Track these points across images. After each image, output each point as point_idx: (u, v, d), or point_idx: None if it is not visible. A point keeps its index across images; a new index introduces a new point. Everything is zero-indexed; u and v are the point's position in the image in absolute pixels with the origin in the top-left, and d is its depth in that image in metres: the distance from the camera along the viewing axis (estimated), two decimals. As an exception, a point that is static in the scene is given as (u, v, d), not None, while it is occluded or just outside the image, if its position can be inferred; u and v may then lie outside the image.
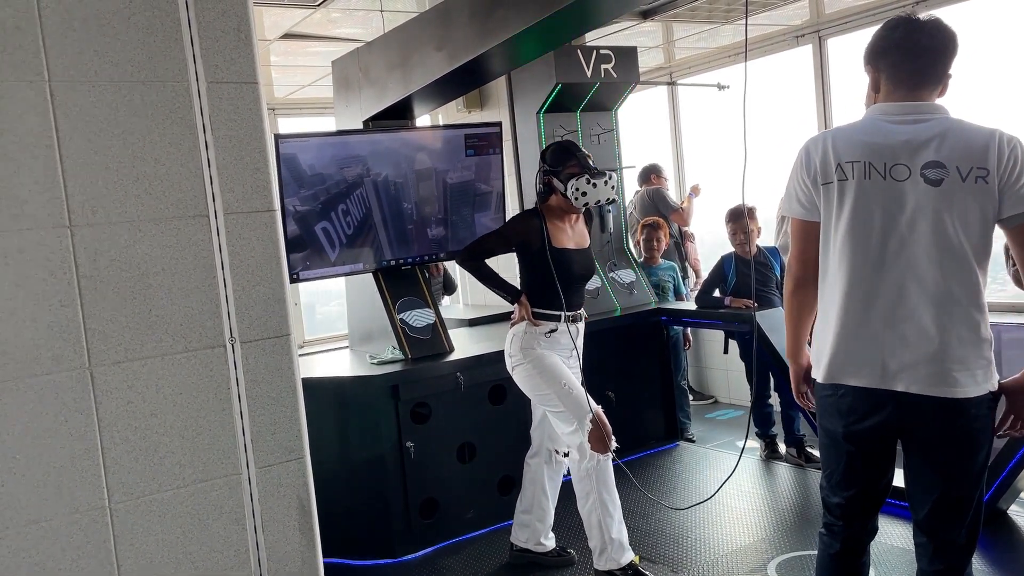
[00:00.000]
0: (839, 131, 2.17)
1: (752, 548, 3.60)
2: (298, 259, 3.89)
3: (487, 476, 4.08)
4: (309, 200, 3.90)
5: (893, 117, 2.09)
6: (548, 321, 3.30)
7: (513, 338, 3.36)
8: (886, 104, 2.12)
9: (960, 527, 2.11)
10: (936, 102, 2.10)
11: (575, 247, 3.36)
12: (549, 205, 3.34)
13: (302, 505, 1.89)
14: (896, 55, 2.10)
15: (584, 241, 3.44)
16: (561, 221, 3.34)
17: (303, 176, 3.87)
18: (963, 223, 1.99)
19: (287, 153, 3.79)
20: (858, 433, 2.14)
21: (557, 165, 3.28)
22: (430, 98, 4.20)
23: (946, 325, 2.01)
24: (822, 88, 5.37)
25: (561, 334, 3.31)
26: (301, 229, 3.90)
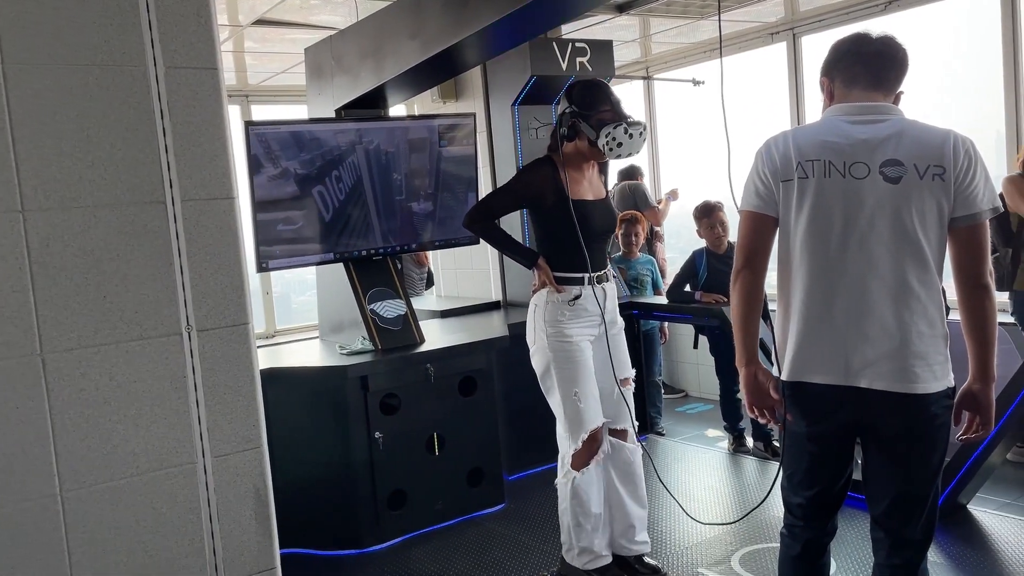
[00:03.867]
0: (799, 130, 2.18)
1: (717, 541, 3.63)
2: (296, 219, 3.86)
3: (456, 468, 4.08)
4: (308, 164, 3.88)
5: (851, 117, 2.11)
6: (571, 286, 2.97)
7: (535, 309, 3.04)
8: (844, 105, 2.14)
9: (917, 523, 2.14)
10: (892, 104, 2.12)
11: (594, 198, 3.04)
12: (565, 152, 3.00)
13: (258, 494, 1.88)
14: (848, 60, 2.13)
15: (602, 192, 3.12)
16: (577, 170, 3.00)
17: (303, 140, 3.86)
18: (921, 220, 2.01)
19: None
20: (821, 433, 2.16)
21: (587, 108, 2.91)
22: (404, 87, 4.17)
23: (906, 321, 2.03)
24: (796, 85, 5.40)
25: (587, 300, 2.97)
26: (301, 190, 3.88)
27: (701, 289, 4.59)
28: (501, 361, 4.36)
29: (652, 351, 5.17)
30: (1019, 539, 3.41)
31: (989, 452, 3.54)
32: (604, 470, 3.07)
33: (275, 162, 3.78)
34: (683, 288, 4.67)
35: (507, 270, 5.17)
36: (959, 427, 2.16)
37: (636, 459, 3.14)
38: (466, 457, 4.10)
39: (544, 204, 3.00)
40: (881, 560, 2.21)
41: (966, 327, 2.09)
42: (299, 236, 3.93)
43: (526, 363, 4.39)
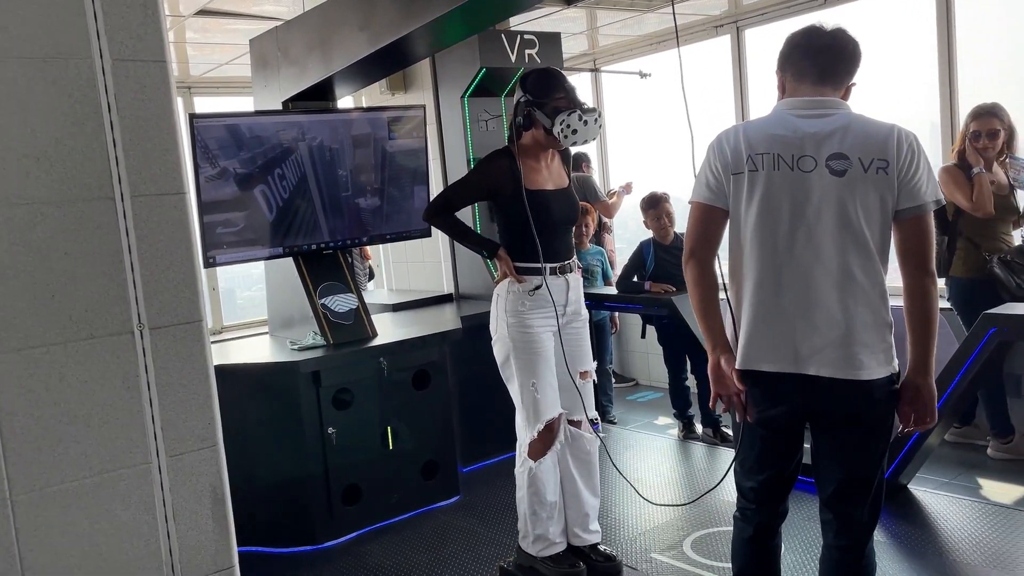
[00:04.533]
0: (750, 124, 2.23)
1: (669, 526, 3.70)
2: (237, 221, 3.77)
3: (410, 461, 4.07)
4: (248, 163, 3.80)
5: (799, 111, 2.16)
6: (532, 276, 2.98)
7: (497, 299, 3.04)
8: (792, 99, 2.19)
9: (864, 505, 2.21)
10: (839, 99, 2.17)
11: (553, 188, 3.04)
12: (522, 142, 2.99)
13: (215, 493, 1.85)
14: (798, 55, 2.18)
15: (563, 181, 3.11)
16: (536, 160, 3.01)
17: (242, 138, 3.77)
18: (865, 212, 2.07)
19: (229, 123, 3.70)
20: (771, 419, 2.21)
21: (542, 96, 2.91)
22: (352, 79, 4.14)
23: (851, 309, 2.09)
24: (739, 78, 5.50)
25: (548, 290, 2.98)
26: (241, 191, 3.80)
27: (649, 279, 4.65)
28: (455, 354, 4.36)
29: (603, 341, 5.23)
30: (957, 516, 3.55)
31: (928, 434, 3.66)
32: (561, 459, 3.10)
33: (213, 162, 3.69)
34: (632, 279, 4.72)
35: (459, 262, 5.16)
36: (903, 421, 2.21)
37: (593, 449, 3.18)
38: (420, 450, 4.10)
39: (502, 195, 3.00)
40: (830, 541, 2.27)
41: (910, 316, 2.13)
42: (242, 238, 3.86)
43: (480, 355, 4.42)
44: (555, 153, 3.10)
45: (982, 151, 4.02)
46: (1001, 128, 4.03)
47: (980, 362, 3.41)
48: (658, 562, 3.36)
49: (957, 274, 4.16)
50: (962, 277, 4.13)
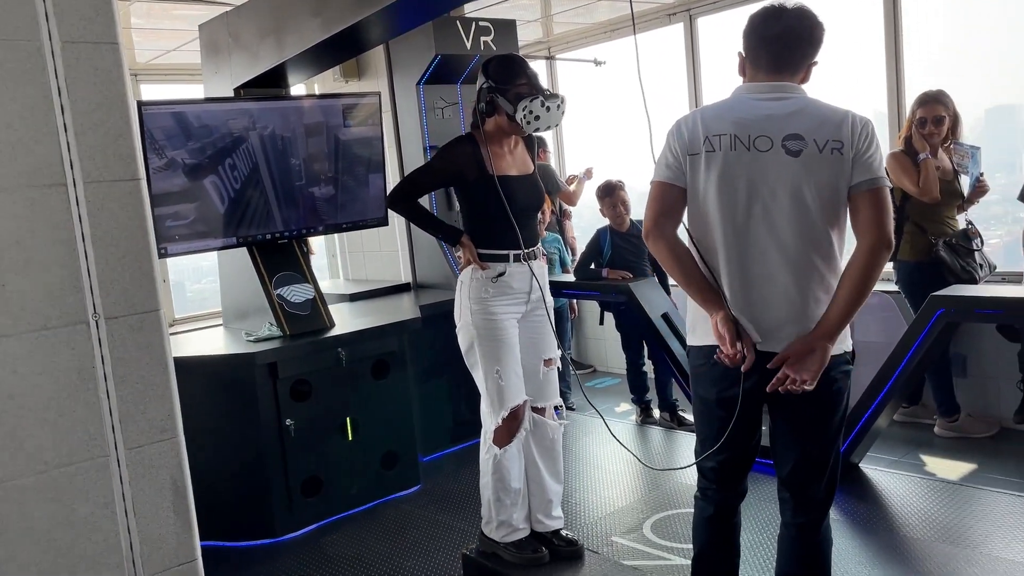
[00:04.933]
0: (708, 108, 2.25)
1: (629, 509, 3.74)
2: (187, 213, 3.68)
3: (370, 452, 4.05)
4: (197, 153, 3.71)
5: (757, 95, 2.19)
6: (496, 263, 2.97)
7: (461, 286, 3.03)
8: (751, 84, 2.22)
9: (820, 482, 2.26)
10: (796, 84, 2.20)
11: (518, 174, 3.03)
12: (486, 128, 2.98)
13: (176, 486, 1.82)
14: (753, 42, 2.20)
15: (527, 167, 3.10)
16: (499, 146, 2.99)
17: (190, 128, 3.68)
18: (819, 192, 2.10)
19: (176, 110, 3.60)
20: (730, 399, 2.24)
21: (504, 82, 2.90)
22: (305, 66, 4.08)
23: (804, 288, 2.13)
24: (692, 65, 5.55)
25: (512, 277, 2.98)
26: (191, 182, 3.71)
27: (606, 266, 4.69)
28: (414, 343, 4.34)
29: (561, 328, 5.26)
30: (907, 493, 3.65)
31: (878, 414, 3.77)
32: (525, 446, 3.11)
33: (160, 153, 3.60)
34: (589, 266, 4.75)
35: (417, 252, 5.14)
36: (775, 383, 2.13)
37: (557, 436, 3.20)
38: (380, 441, 4.08)
39: (465, 181, 2.98)
40: (788, 519, 2.32)
41: (849, 283, 2.10)
42: (193, 231, 3.78)
43: (439, 345, 4.43)
44: (519, 139, 3.10)
45: (928, 137, 4.12)
46: (946, 115, 4.13)
47: (928, 343, 3.51)
48: (619, 545, 3.39)
49: (904, 258, 4.26)
50: (909, 261, 4.24)
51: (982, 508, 3.44)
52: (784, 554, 2.35)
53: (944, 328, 3.48)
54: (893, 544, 3.22)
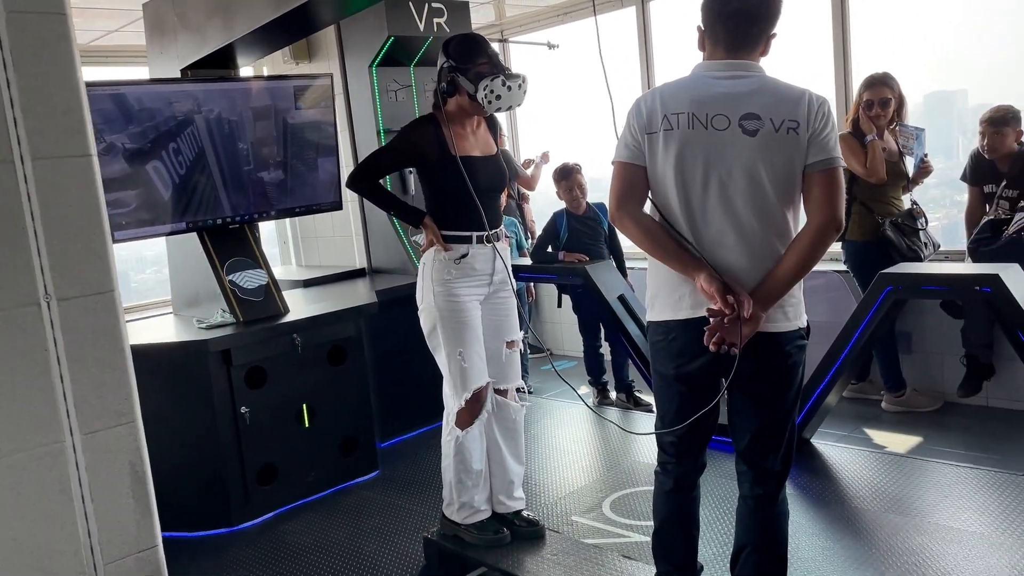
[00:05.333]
0: (667, 86, 2.25)
1: (588, 489, 3.77)
2: (129, 200, 3.56)
3: (328, 438, 4.01)
4: (138, 137, 3.60)
5: (715, 73, 2.19)
6: (458, 244, 2.95)
7: (423, 268, 3.01)
8: (709, 62, 2.22)
9: (777, 454, 2.30)
10: (754, 62, 2.21)
11: (480, 154, 3.01)
12: (447, 109, 2.96)
13: (135, 471, 1.77)
14: (711, 18, 2.20)
15: (490, 148, 3.08)
16: (461, 127, 2.97)
17: (131, 111, 3.56)
18: (774, 171, 2.12)
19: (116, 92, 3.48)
20: (688, 374, 2.26)
21: (465, 62, 2.87)
22: (255, 46, 3.99)
23: (759, 266, 2.15)
24: (645, 49, 5.57)
25: (475, 259, 2.97)
26: (132, 168, 3.59)
27: (563, 249, 4.70)
28: (371, 328, 4.31)
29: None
30: (857, 467, 3.75)
31: (829, 391, 3.85)
32: (487, 428, 3.11)
33: (98, 137, 3.47)
34: (546, 249, 4.75)
35: (371, 237, 5.08)
36: (716, 331, 2.12)
37: (519, 418, 3.21)
38: (338, 427, 4.05)
39: (428, 162, 2.96)
40: (746, 491, 2.36)
41: (796, 259, 2.12)
42: (134, 219, 3.67)
43: (396, 330, 4.39)
44: (481, 120, 3.08)
45: (875, 119, 4.21)
46: (892, 97, 4.23)
47: (877, 320, 3.60)
48: (579, 524, 3.42)
49: (852, 237, 4.36)
50: (857, 240, 4.33)
51: (928, 479, 3.55)
52: (743, 525, 2.38)
53: (892, 305, 3.57)
54: (844, 515, 3.30)
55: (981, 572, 2.78)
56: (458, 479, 3.09)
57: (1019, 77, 5.72)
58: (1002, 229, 3.97)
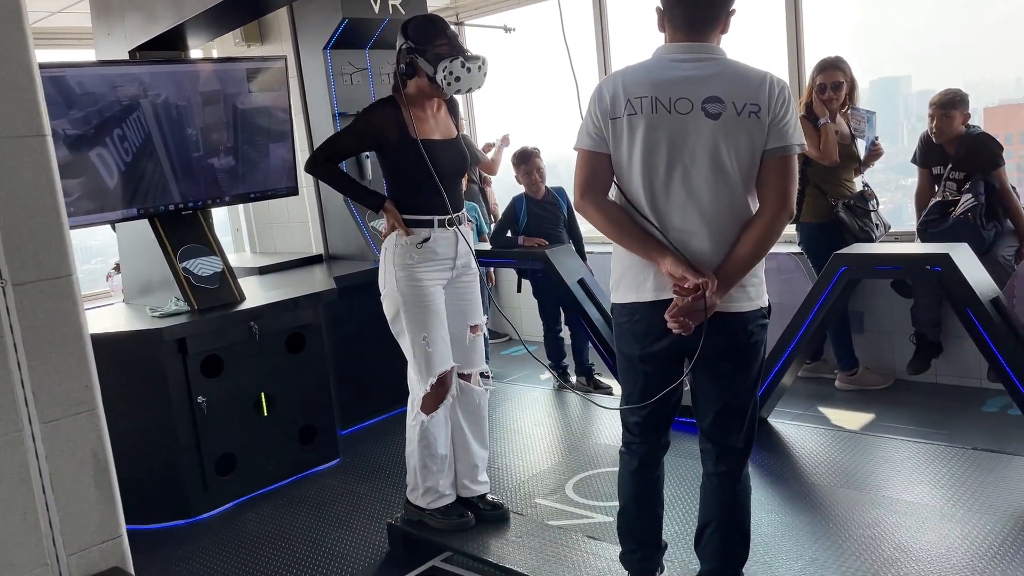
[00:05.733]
0: (628, 70, 2.25)
1: (550, 471, 3.79)
2: (71, 189, 3.45)
3: (287, 427, 3.96)
4: (80, 123, 3.48)
5: (677, 56, 2.19)
6: (420, 228, 2.93)
7: (385, 253, 2.98)
8: (671, 44, 2.22)
9: (739, 433, 2.33)
10: (716, 44, 2.21)
11: (441, 138, 2.98)
12: (407, 91, 2.93)
13: (97, 460, 1.73)
14: (671, 2, 2.19)
15: (451, 132, 3.06)
16: (421, 110, 2.94)
17: (72, 95, 3.44)
18: (736, 154, 2.13)
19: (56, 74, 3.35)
20: (652, 354, 2.28)
21: (424, 43, 2.84)
22: (205, 28, 3.90)
23: (720, 247, 2.18)
24: (601, 32, 5.57)
25: (437, 243, 2.95)
26: (74, 155, 3.48)
27: (522, 234, 4.69)
28: (329, 315, 4.26)
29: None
30: (812, 444, 3.83)
31: (785, 371, 3.93)
32: (451, 412, 3.10)
33: None
34: (505, 234, 4.74)
35: (328, 222, 5.02)
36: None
37: (484, 402, 3.20)
38: (297, 415, 4.00)
39: (388, 145, 2.92)
40: (709, 469, 2.39)
41: (751, 245, 2.15)
42: (77, 209, 3.55)
43: (356, 316, 4.35)
44: (442, 103, 3.05)
45: (828, 103, 4.28)
46: (844, 80, 4.30)
47: (832, 299, 3.67)
48: (542, 506, 3.44)
49: (806, 219, 4.43)
50: (811, 222, 4.41)
51: (881, 455, 3.64)
52: (707, 503, 2.42)
53: (846, 285, 3.64)
54: (801, 492, 3.38)
55: (934, 543, 2.87)
56: (423, 464, 3.07)
57: (961, 62, 5.87)
58: (950, 210, 4.08)
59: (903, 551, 2.83)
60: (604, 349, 4.36)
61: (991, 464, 3.40)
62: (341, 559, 3.19)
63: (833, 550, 2.88)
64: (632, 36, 5.62)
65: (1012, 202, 4.09)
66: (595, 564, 2.79)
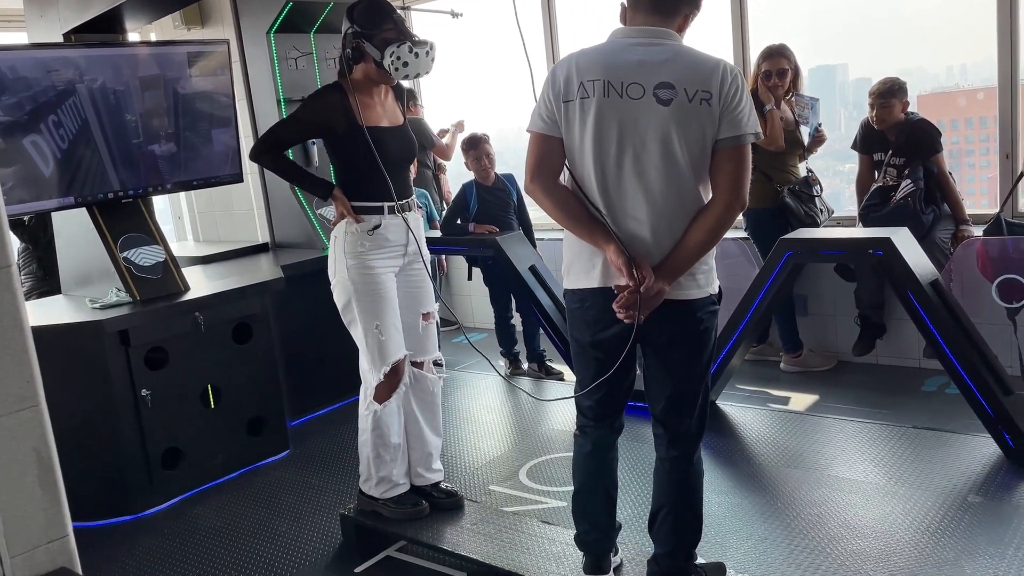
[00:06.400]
0: (583, 52, 2.23)
1: (504, 458, 3.80)
2: (4, 178, 3.31)
3: (235, 419, 3.90)
4: (13, 109, 3.35)
5: (631, 40, 2.19)
6: (370, 215, 2.90)
7: (335, 241, 2.94)
8: (627, 28, 2.22)
9: (691, 417, 2.37)
10: (672, 30, 2.20)
11: (389, 124, 2.96)
12: (353, 77, 2.90)
13: (41, 458, 1.67)
14: None
15: (398, 118, 3.03)
16: (368, 96, 2.91)
17: (3, 80, 3.31)
18: (687, 140, 2.13)
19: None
20: (604, 340, 2.29)
21: (370, 28, 2.80)
22: (143, 9, 3.80)
23: (668, 237, 2.18)
24: (548, 17, 5.55)
25: (387, 230, 2.91)
26: (6, 143, 3.35)
27: (473, 221, 4.67)
28: (277, 305, 4.19)
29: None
30: (759, 426, 3.91)
31: (733, 354, 3.99)
32: (405, 401, 3.08)
33: None
34: (455, 221, 4.72)
35: (274, 210, 4.93)
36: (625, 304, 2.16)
37: (437, 390, 3.19)
38: (245, 407, 3.94)
39: (335, 132, 2.88)
40: (662, 454, 2.42)
41: (702, 234, 2.17)
42: (11, 198, 3.42)
43: (304, 306, 4.29)
44: (388, 89, 3.01)
45: (773, 89, 4.34)
46: (789, 68, 4.37)
47: (778, 284, 3.74)
48: (497, 493, 3.45)
49: (753, 205, 4.47)
50: (757, 208, 4.47)
51: (826, 435, 3.74)
52: (660, 487, 2.45)
53: (792, 269, 3.71)
54: (750, 472, 3.45)
55: (877, 519, 2.95)
56: (376, 454, 3.05)
57: (895, 52, 6.01)
58: (890, 195, 4.19)
59: (848, 528, 2.91)
60: (555, 335, 4.38)
61: (930, 442, 3.51)
62: (293, 551, 3.15)
63: (781, 529, 2.95)
64: (580, 20, 5.62)
65: (949, 187, 4.21)
66: (550, 548, 2.80)
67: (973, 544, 2.73)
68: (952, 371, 3.34)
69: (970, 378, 3.29)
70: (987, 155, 5.05)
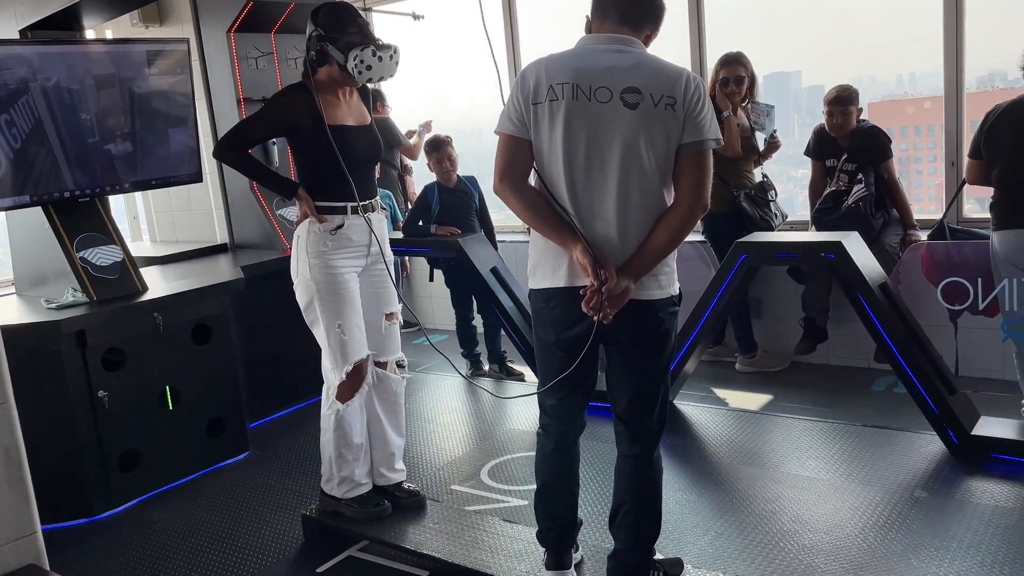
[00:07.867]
0: (552, 57, 2.28)
1: (465, 458, 3.83)
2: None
3: (193, 421, 3.87)
4: None
5: (601, 46, 2.25)
6: (333, 215, 2.90)
7: (298, 240, 2.94)
8: (594, 35, 2.29)
9: (652, 415, 2.43)
10: (638, 39, 2.27)
11: (355, 123, 2.98)
12: (318, 78, 2.92)
13: (9, 456, 1.66)
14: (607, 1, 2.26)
15: (364, 118, 3.04)
16: (334, 96, 2.93)
17: None
18: (652, 145, 2.20)
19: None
20: (568, 340, 2.34)
21: (334, 31, 2.82)
22: (101, 7, 3.76)
23: (632, 239, 2.24)
24: (510, 19, 5.59)
25: (351, 230, 2.92)
26: None
27: (435, 223, 4.69)
28: (237, 305, 4.16)
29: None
30: (715, 425, 3.99)
31: (690, 356, 4.07)
32: (367, 401, 3.09)
33: None
34: (417, 223, 4.73)
35: (233, 210, 4.89)
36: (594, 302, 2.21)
37: (400, 390, 3.21)
38: (204, 408, 3.91)
39: (300, 131, 2.89)
40: (624, 451, 2.48)
41: (665, 236, 2.23)
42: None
43: (264, 306, 4.27)
44: (354, 89, 3.02)
45: (730, 96, 4.44)
46: (745, 75, 4.47)
47: (734, 286, 3.82)
48: (458, 492, 3.47)
49: (710, 209, 4.58)
50: (715, 211, 4.53)
51: (779, 433, 3.83)
52: (621, 483, 2.50)
53: (747, 271, 3.80)
54: (706, 470, 3.52)
55: (829, 514, 3.04)
56: (338, 453, 3.06)
57: (846, 60, 6.17)
58: (842, 200, 4.31)
59: (801, 523, 2.99)
60: (516, 337, 4.42)
61: (879, 439, 3.63)
62: (254, 552, 3.14)
63: (736, 524, 3.03)
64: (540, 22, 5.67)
65: (899, 192, 4.35)
66: (512, 547, 2.84)
67: (919, 538, 2.83)
68: (899, 371, 3.45)
69: (916, 378, 3.41)
70: (934, 162, 5.23)
